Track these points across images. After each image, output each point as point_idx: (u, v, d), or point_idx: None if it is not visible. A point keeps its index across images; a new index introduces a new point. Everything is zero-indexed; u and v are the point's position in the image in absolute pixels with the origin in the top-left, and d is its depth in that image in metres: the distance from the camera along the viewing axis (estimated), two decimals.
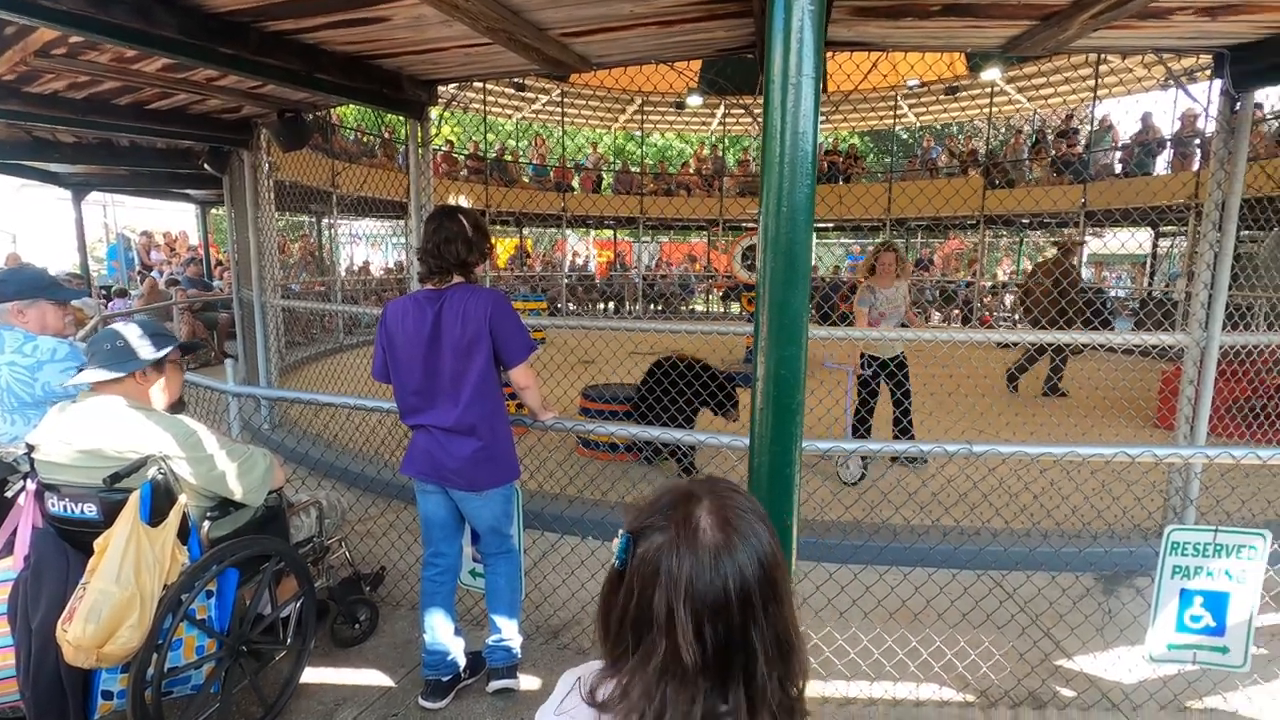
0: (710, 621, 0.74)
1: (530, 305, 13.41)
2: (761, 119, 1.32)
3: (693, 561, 0.75)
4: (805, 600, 2.85)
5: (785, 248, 1.31)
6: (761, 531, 0.80)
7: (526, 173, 16.33)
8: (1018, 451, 2.34)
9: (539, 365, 6.00)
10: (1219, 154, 3.46)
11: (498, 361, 2.35)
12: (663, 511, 0.82)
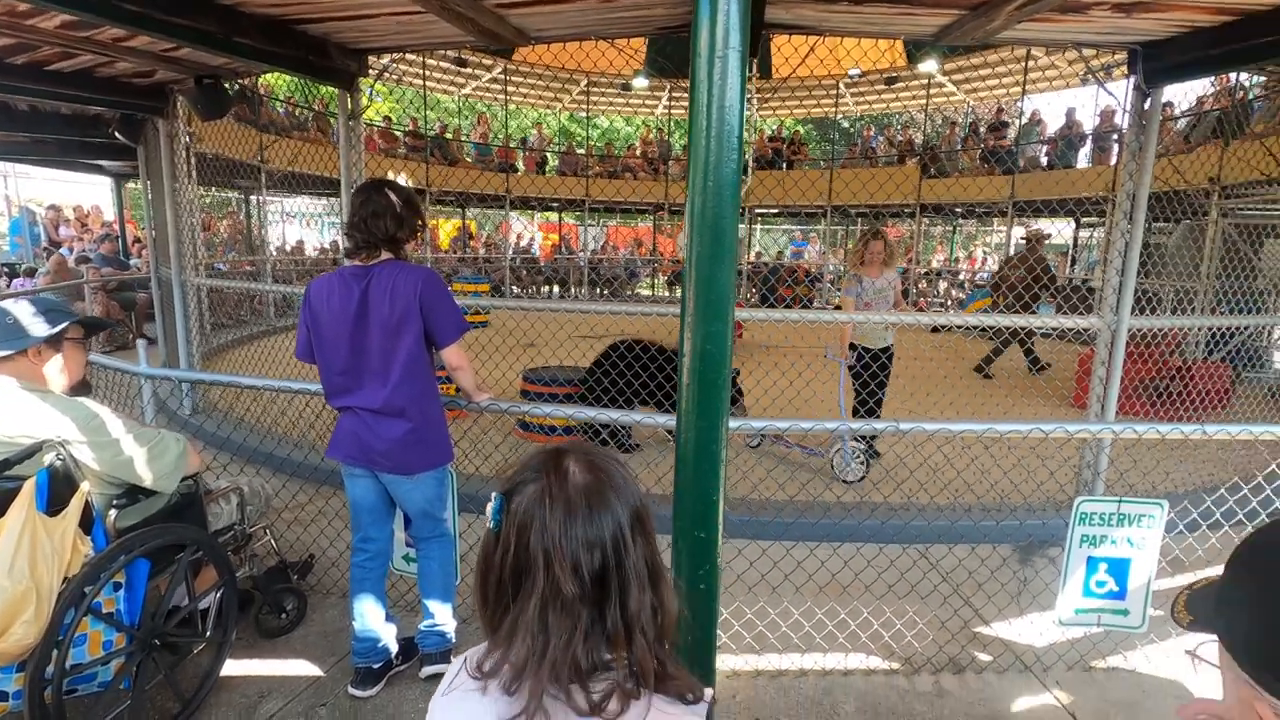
0: (587, 552, 0.79)
1: (473, 288, 13.18)
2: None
3: (566, 500, 0.80)
4: (739, 576, 2.91)
5: (712, 223, 1.31)
6: (628, 480, 0.86)
7: (469, 152, 15.94)
8: (941, 429, 2.43)
9: (481, 348, 5.91)
10: (1131, 147, 3.64)
11: (429, 341, 2.28)
12: (533, 468, 0.86)
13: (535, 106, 17.90)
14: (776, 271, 14.82)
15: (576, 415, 2.60)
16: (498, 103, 16.75)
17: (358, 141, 4.15)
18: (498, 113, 17.47)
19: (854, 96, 16.20)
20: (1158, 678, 2.64)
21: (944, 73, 14.01)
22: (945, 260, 17.88)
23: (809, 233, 20.96)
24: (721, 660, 2.62)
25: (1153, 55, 3.47)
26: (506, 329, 5.89)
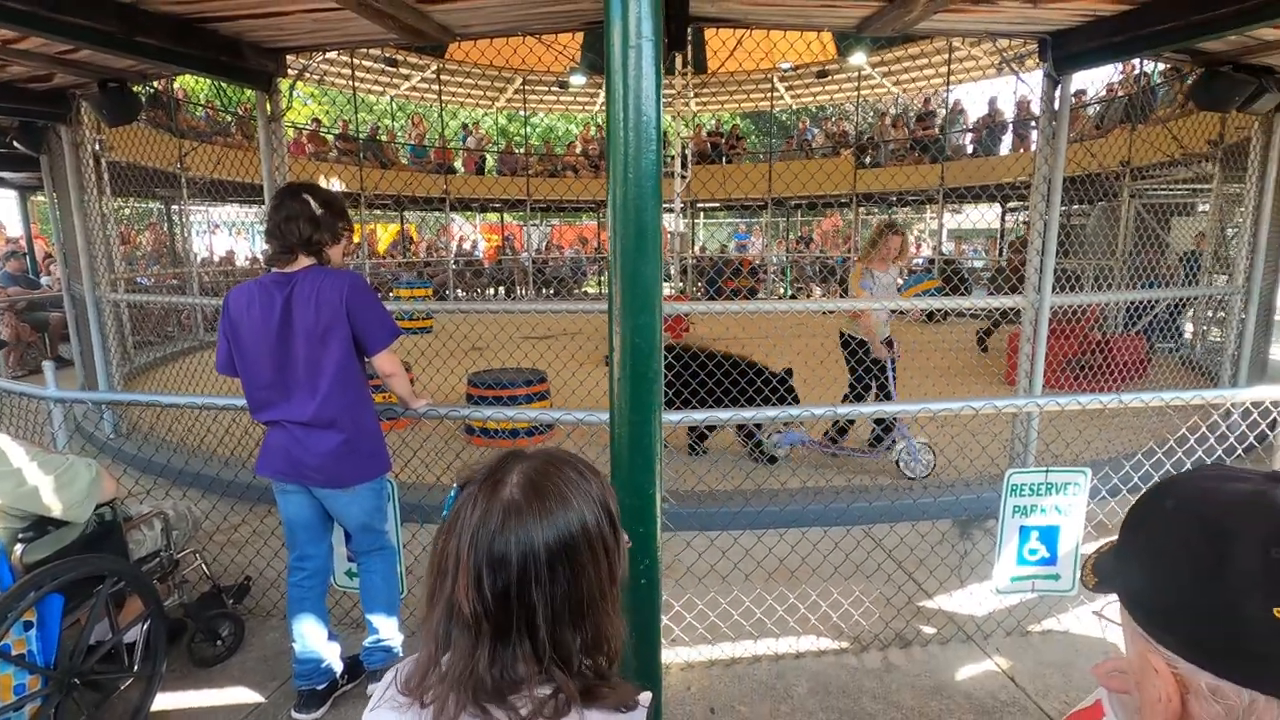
0: (490, 572, 0.74)
1: (415, 293, 12.89)
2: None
3: (483, 512, 0.76)
4: (689, 569, 2.92)
5: (634, 215, 1.30)
6: (573, 502, 0.79)
7: (404, 153, 15.56)
8: (877, 410, 2.49)
9: (422, 354, 5.78)
10: (1044, 133, 3.80)
11: (359, 349, 2.21)
12: (486, 467, 0.83)
13: (470, 106, 17.56)
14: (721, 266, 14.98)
15: (519, 418, 2.56)
16: (431, 103, 16.39)
17: (280, 145, 4.00)
18: (432, 113, 17.09)
19: (788, 90, 16.48)
20: (1089, 637, 2.77)
21: (872, 65, 14.38)
22: None
23: (751, 225, 21.25)
24: (675, 653, 2.63)
25: (1061, 44, 3.63)
26: (451, 333, 5.78)
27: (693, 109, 16.50)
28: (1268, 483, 0.57)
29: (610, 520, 0.83)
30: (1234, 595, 0.53)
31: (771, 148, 17.48)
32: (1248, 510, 0.55)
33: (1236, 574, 0.53)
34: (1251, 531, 0.53)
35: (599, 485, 0.84)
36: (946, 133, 13.32)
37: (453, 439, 4.88)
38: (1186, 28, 3.01)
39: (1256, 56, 3.88)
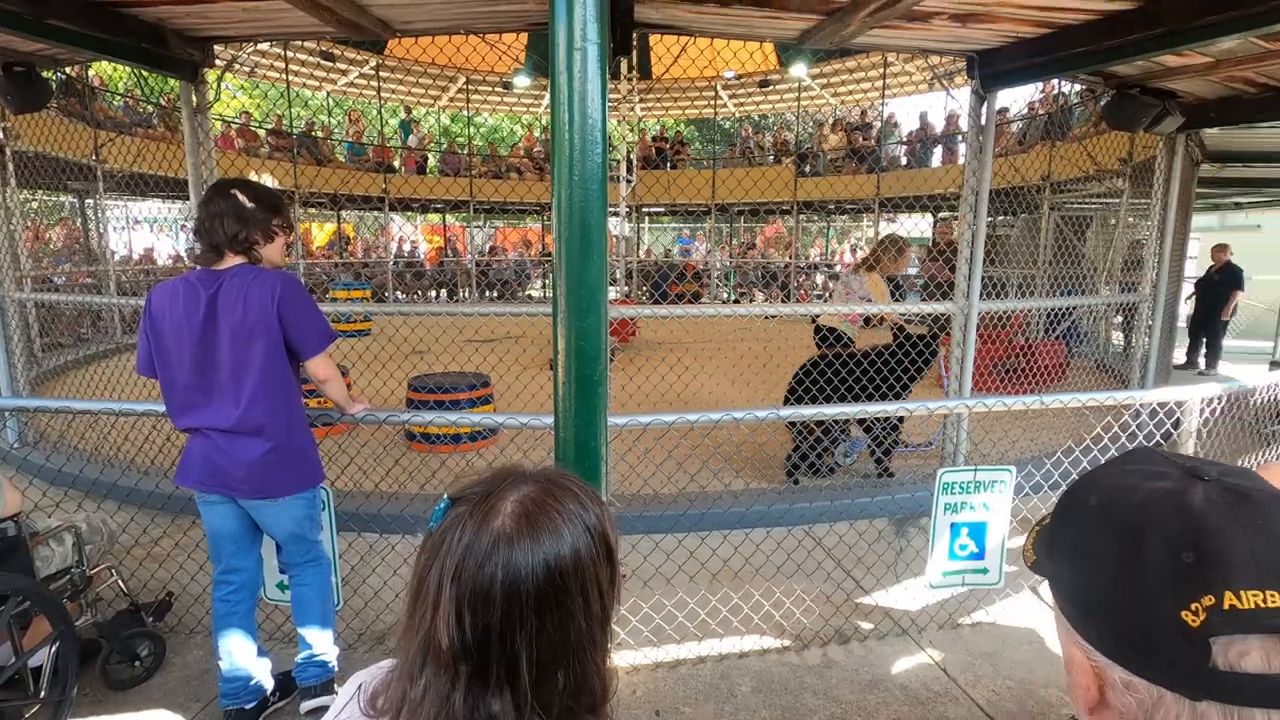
0: (471, 609, 0.68)
1: (353, 294, 12.51)
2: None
3: (471, 541, 0.70)
4: (634, 571, 2.93)
5: (580, 217, 1.29)
6: (569, 538, 0.72)
7: (341, 151, 15.09)
8: (817, 413, 2.55)
9: (359, 356, 5.61)
10: (972, 147, 3.99)
11: (291, 353, 2.12)
12: (483, 484, 0.77)
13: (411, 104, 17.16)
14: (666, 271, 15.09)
15: (462, 421, 2.52)
16: (370, 100, 15.94)
17: (206, 138, 3.81)
18: (371, 110, 16.63)
19: (731, 98, 16.76)
20: (1014, 628, 2.91)
21: (812, 77, 14.78)
22: (822, 254, 18.89)
23: (695, 230, 21.49)
24: (621, 656, 2.63)
25: (988, 62, 3.82)
26: (391, 336, 5.63)
27: (638, 114, 16.59)
28: (1185, 479, 0.56)
29: (608, 555, 0.77)
30: (1144, 596, 0.53)
31: (715, 154, 17.73)
32: (1161, 511, 0.55)
33: (1147, 575, 0.53)
34: (1162, 533, 0.53)
35: (598, 515, 0.77)
36: (882, 144, 13.81)
37: (392, 444, 4.75)
38: (1098, 52, 3.21)
39: (1161, 81, 4.17)
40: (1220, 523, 0.52)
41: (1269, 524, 0.52)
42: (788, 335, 8.78)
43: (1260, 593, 0.49)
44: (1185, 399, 2.89)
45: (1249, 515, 0.52)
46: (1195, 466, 0.57)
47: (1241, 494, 0.53)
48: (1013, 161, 10.17)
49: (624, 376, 6.86)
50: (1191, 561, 0.51)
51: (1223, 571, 0.50)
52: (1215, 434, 3.46)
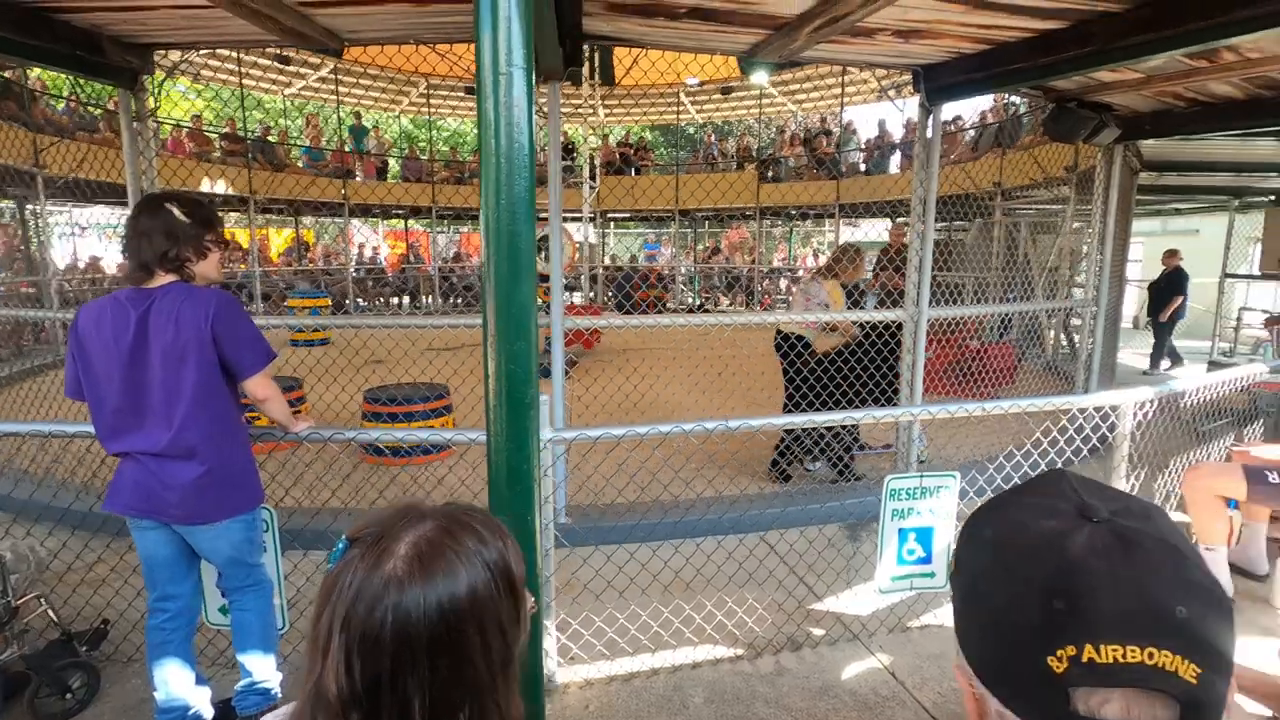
0: (361, 656, 0.67)
1: (310, 302, 12.25)
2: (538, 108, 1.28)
3: (361, 585, 0.69)
4: (586, 586, 2.92)
5: (508, 241, 1.29)
6: (465, 578, 0.71)
7: (299, 156, 14.78)
8: (765, 424, 2.58)
9: (312, 368, 5.49)
10: (919, 157, 4.08)
11: (227, 373, 2.07)
12: (378, 523, 0.75)
13: (370, 108, 16.91)
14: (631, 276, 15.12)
15: (408, 439, 2.49)
16: (328, 104, 15.66)
17: (146, 146, 3.71)
18: (330, 115, 16.33)
19: (694, 105, 16.90)
20: None
21: (774, 84, 14.98)
22: (785, 259, 19.13)
23: (661, 235, 21.59)
24: (574, 671, 2.62)
25: (932, 76, 3.92)
26: (349, 345, 5.54)
27: (601, 119, 16.61)
28: (1075, 520, 0.55)
29: (510, 589, 0.76)
30: (1017, 637, 0.54)
31: (678, 160, 17.83)
32: (1042, 555, 0.54)
33: (1021, 617, 0.54)
34: (1040, 578, 0.53)
35: (500, 550, 0.76)
36: (841, 151, 14.05)
37: (340, 461, 4.65)
38: (1035, 68, 3.32)
39: (1098, 95, 4.34)
40: (1094, 573, 0.52)
41: (1143, 575, 0.51)
42: (750, 341, 8.86)
43: (1120, 647, 0.49)
44: (1119, 403, 2.99)
45: (1127, 564, 0.52)
46: (1089, 506, 0.56)
47: (1127, 540, 0.53)
48: (965, 169, 10.45)
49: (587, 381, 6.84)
50: (1061, 609, 0.51)
51: (1087, 623, 0.50)
52: (1149, 435, 3.59)
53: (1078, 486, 0.59)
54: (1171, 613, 0.50)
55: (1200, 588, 0.52)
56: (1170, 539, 0.54)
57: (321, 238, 19.54)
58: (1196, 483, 3.11)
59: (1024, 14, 2.93)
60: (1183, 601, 0.50)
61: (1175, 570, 0.52)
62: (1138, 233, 13.39)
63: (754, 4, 2.88)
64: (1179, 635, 0.50)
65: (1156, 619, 0.50)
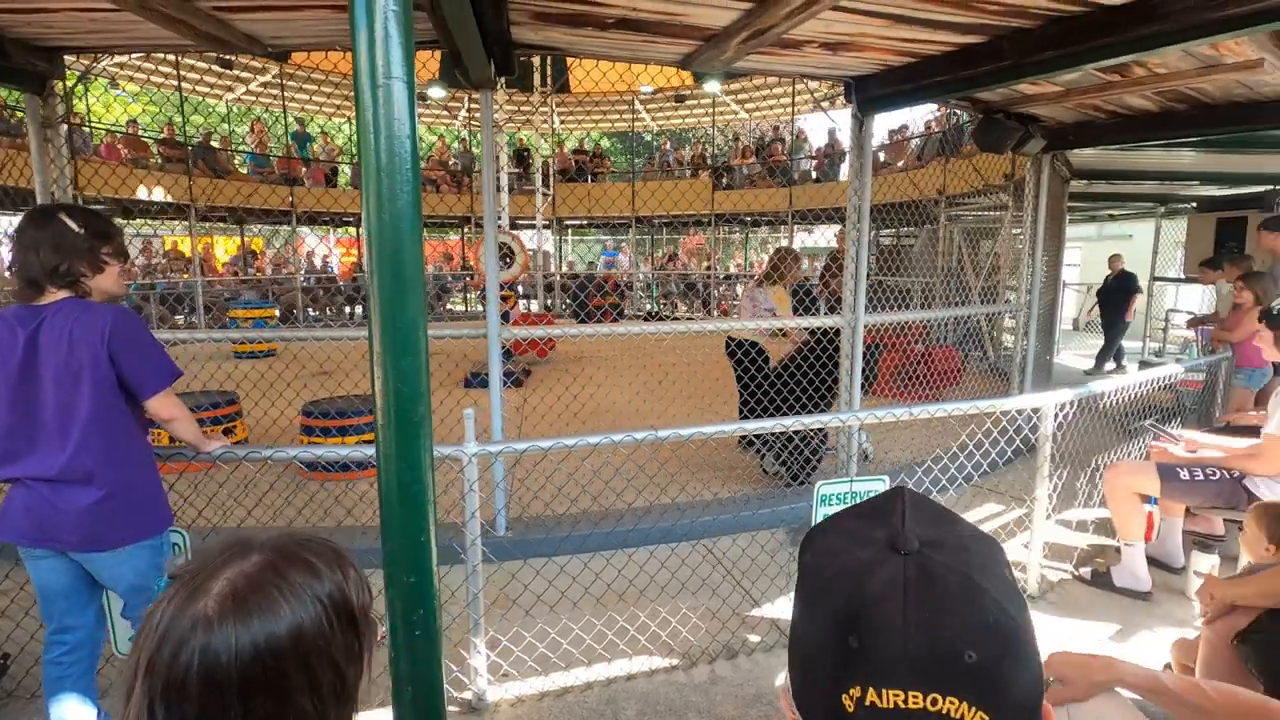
0: (165, 703, 0.63)
1: (256, 313, 11.91)
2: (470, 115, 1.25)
3: (167, 627, 0.65)
4: (539, 597, 2.88)
5: (391, 257, 1.26)
6: (288, 615, 0.68)
7: (243, 162, 14.38)
8: (718, 431, 2.59)
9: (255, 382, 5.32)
10: (853, 167, 4.16)
11: (128, 393, 1.98)
12: (202, 558, 0.71)
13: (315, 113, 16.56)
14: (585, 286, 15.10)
15: (328, 456, 2.42)
16: (272, 108, 15.28)
17: (58, 155, 3.54)
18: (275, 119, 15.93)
19: (649, 112, 16.99)
20: None
21: (726, 93, 15.16)
22: (740, 265, 19.33)
23: (619, 242, 21.61)
24: (505, 689, 2.58)
25: (863, 87, 4.00)
26: (296, 358, 5.38)
27: (554, 126, 16.57)
28: (884, 552, 0.53)
29: (349, 623, 0.72)
30: (817, 668, 0.53)
31: (633, 167, 17.89)
32: (845, 587, 0.53)
33: (821, 649, 0.52)
34: (841, 611, 0.52)
35: (336, 584, 0.72)
36: (793, 159, 14.29)
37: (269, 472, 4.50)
38: (957, 81, 3.42)
39: (1023, 107, 4.48)
40: (887, 612, 0.50)
41: (936, 617, 0.49)
42: (705, 346, 8.93)
43: (902, 693, 0.48)
44: (1040, 405, 3.09)
45: (924, 605, 0.50)
46: (903, 537, 0.54)
47: (929, 577, 0.51)
48: (911, 176, 10.72)
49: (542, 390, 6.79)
50: (855, 647, 0.50)
51: (874, 665, 0.49)
52: (1072, 435, 3.72)
53: (907, 511, 0.57)
54: (960, 657, 0.48)
55: (997, 633, 0.50)
56: (976, 576, 0.51)
57: (270, 246, 19.02)
58: (1115, 481, 3.22)
59: (943, 29, 3.01)
60: (973, 646, 0.48)
61: (971, 612, 0.50)
62: (1074, 238, 13.93)
63: (680, 16, 2.90)
64: (966, 681, 0.48)
65: (943, 664, 0.48)
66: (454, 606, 2.84)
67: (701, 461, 4.82)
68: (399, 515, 1.36)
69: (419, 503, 1.36)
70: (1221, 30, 2.38)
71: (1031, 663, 0.51)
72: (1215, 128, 4.08)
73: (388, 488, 1.35)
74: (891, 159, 12.45)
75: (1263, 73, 3.14)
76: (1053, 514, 3.86)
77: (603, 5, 2.76)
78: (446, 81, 3.91)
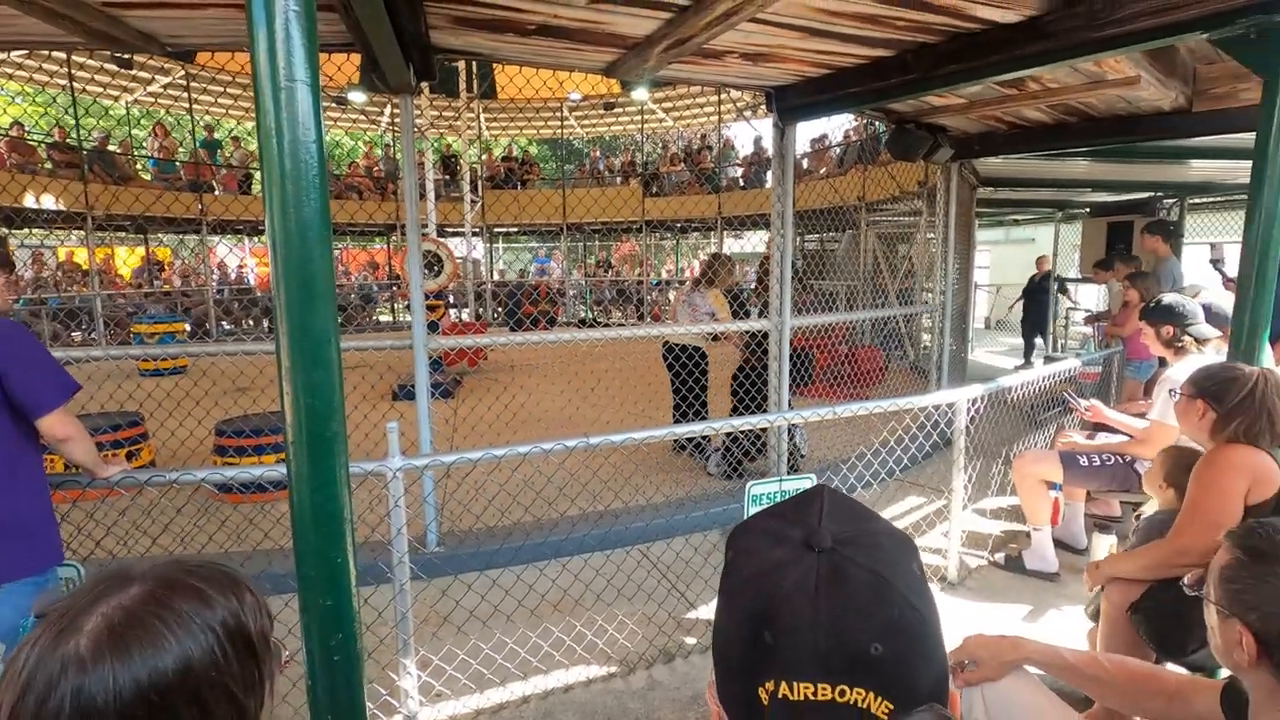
0: None
1: (164, 328, 11.22)
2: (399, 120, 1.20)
3: (34, 669, 0.60)
4: (472, 613, 2.80)
5: (299, 266, 1.21)
6: (174, 648, 0.63)
7: (145, 167, 13.53)
8: (648, 436, 2.59)
9: (161, 402, 4.99)
10: (775, 174, 4.28)
11: (15, 411, 1.83)
12: (74, 593, 0.66)
13: (223, 117, 15.78)
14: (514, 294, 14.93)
15: (241, 477, 2.29)
16: (182, 111, 14.45)
17: None
18: (182, 123, 15.06)
19: (578, 119, 16.98)
20: None
21: (655, 101, 15.33)
22: (671, 271, 19.53)
23: (551, 250, 21.47)
24: (437, 709, 2.50)
25: (782, 97, 4.12)
26: (206, 374, 5.08)
27: (479, 131, 16.34)
28: (798, 550, 0.55)
29: (245, 650, 0.68)
30: (738, 665, 0.54)
31: (564, 174, 17.85)
32: (761, 585, 0.54)
33: (739, 646, 0.54)
34: (757, 608, 0.53)
35: (232, 609, 0.68)
36: (721, 167, 14.57)
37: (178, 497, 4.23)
38: (870, 92, 3.57)
39: (932, 117, 4.72)
40: (799, 609, 0.51)
41: (844, 613, 0.51)
42: (639, 352, 8.95)
43: (812, 686, 0.50)
44: (954, 400, 3.24)
45: (834, 602, 0.51)
46: (818, 534, 0.55)
47: (840, 574, 0.52)
48: (833, 183, 11.11)
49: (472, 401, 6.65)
50: (770, 643, 0.52)
51: (786, 660, 0.51)
52: (982, 427, 3.93)
53: (825, 509, 0.58)
54: (866, 651, 0.50)
55: (902, 628, 0.52)
56: (885, 573, 0.53)
57: (180, 256, 17.95)
58: (1023, 469, 3.42)
59: (854, 42, 3.14)
60: (879, 639, 0.50)
61: (879, 608, 0.51)
62: (983, 241, 14.77)
63: (602, 24, 2.91)
64: (872, 673, 0.50)
65: (851, 658, 0.50)
66: (382, 627, 2.74)
67: (635, 467, 4.83)
68: (313, 537, 1.30)
69: (334, 523, 1.30)
70: (1101, 49, 2.57)
71: (936, 654, 0.53)
72: (1101, 139, 4.40)
73: (300, 508, 1.29)
74: (815, 167, 12.87)
75: (1140, 89, 3.41)
76: (969, 504, 4.07)
77: (523, 11, 2.74)
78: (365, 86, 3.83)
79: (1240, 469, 1.89)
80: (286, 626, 1.77)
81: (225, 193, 14.15)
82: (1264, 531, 1.12)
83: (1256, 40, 2.27)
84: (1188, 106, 3.80)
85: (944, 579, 3.37)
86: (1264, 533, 1.12)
